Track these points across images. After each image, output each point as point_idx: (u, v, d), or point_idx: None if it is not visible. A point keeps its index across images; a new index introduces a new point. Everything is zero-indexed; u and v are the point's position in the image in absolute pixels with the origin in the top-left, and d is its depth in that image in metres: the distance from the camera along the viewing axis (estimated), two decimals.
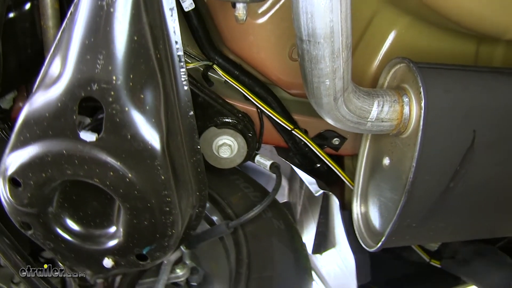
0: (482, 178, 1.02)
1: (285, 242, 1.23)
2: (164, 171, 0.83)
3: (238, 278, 1.16)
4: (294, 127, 1.28)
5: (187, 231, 1.01)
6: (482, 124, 0.98)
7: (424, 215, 1.01)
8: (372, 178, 1.17)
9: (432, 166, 0.95)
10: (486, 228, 1.19)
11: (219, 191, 1.33)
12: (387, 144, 1.09)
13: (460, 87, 0.98)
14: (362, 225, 1.18)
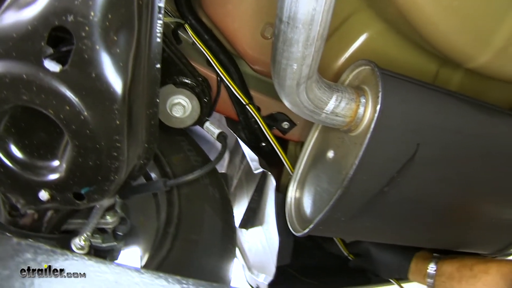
0: (415, 190, 1.08)
1: (217, 210, 1.26)
2: (120, 117, 0.83)
3: (165, 236, 1.19)
4: (249, 102, 1.30)
5: (128, 180, 1.03)
6: (427, 141, 1.03)
7: (354, 212, 1.06)
8: (313, 167, 1.22)
9: (372, 168, 1.00)
10: (411, 237, 1.26)
11: (162, 149, 1.34)
12: (335, 138, 1.13)
13: (416, 101, 1.03)
14: (294, 210, 1.22)
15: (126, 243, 1.40)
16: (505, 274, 1.16)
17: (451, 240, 1.30)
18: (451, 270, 1.24)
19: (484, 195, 1.18)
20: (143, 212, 1.38)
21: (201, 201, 1.26)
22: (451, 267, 1.24)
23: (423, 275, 1.29)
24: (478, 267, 1.20)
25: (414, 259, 1.34)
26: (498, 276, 1.16)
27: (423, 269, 1.29)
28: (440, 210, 1.15)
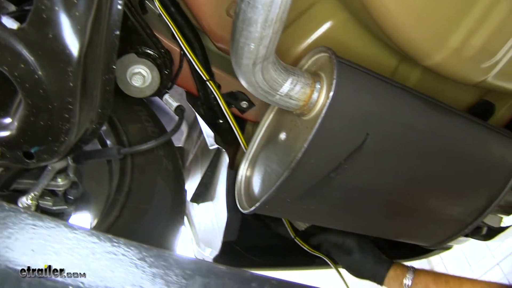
0: (361, 179, 1.12)
1: (168, 182, 1.29)
2: (74, 79, 0.84)
3: (114, 203, 1.21)
4: (210, 79, 1.32)
5: (79, 144, 1.04)
6: (377, 132, 1.06)
7: (300, 194, 1.09)
8: (266, 148, 1.25)
9: (320, 153, 1.03)
10: (354, 224, 1.31)
11: (120, 117, 1.35)
12: (289, 120, 1.16)
13: (370, 92, 1.06)
14: (243, 188, 1.25)
15: (77, 208, 1.41)
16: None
17: (393, 230, 1.35)
18: (427, 280, 1.32)
19: (428, 190, 1.22)
20: (96, 179, 1.39)
21: (154, 171, 1.28)
22: (428, 278, 1.33)
23: (399, 282, 1.36)
24: (454, 281, 1.28)
25: (393, 266, 1.41)
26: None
27: (401, 276, 1.36)
28: (384, 200, 1.19)
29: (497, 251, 3.51)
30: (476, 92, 1.44)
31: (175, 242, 1.25)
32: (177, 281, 0.58)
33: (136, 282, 0.57)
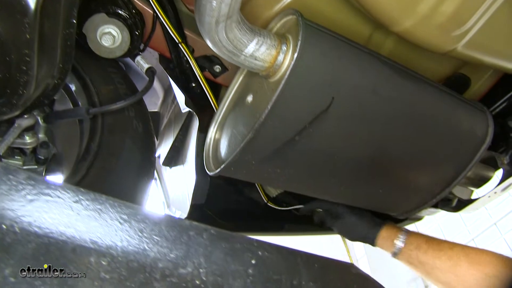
0: (327, 143, 1.11)
1: (137, 143, 1.29)
2: (31, 31, 0.84)
3: (82, 163, 1.21)
4: (182, 41, 1.32)
5: (41, 99, 1.04)
6: (343, 96, 1.06)
7: (265, 156, 1.10)
8: (234, 110, 1.25)
9: (284, 115, 1.03)
10: (321, 189, 1.31)
11: (92, 78, 1.35)
12: (256, 83, 1.16)
13: (336, 55, 1.05)
14: (211, 150, 1.26)
15: (50, 169, 1.42)
16: (469, 254, 1.26)
17: (360, 198, 1.36)
18: (419, 241, 1.34)
19: (394, 159, 1.22)
20: (68, 140, 1.40)
21: (123, 132, 1.28)
22: (420, 239, 1.35)
23: (391, 241, 1.38)
24: (445, 243, 1.31)
25: (385, 227, 1.42)
26: (461, 253, 1.26)
27: (393, 236, 1.38)
28: (349, 166, 1.19)
29: (494, 210, 3.54)
30: (451, 65, 1.44)
31: (142, 203, 1.26)
32: (112, 224, 0.59)
33: (71, 224, 0.57)
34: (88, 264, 0.55)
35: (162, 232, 0.61)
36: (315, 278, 0.67)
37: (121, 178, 1.22)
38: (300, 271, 0.67)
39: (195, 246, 0.61)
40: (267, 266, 0.64)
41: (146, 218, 0.61)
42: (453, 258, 1.27)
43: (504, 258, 1.23)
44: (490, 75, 1.50)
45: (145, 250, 0.59)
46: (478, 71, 1.48)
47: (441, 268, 1.28)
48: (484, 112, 1.33)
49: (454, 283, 1.27)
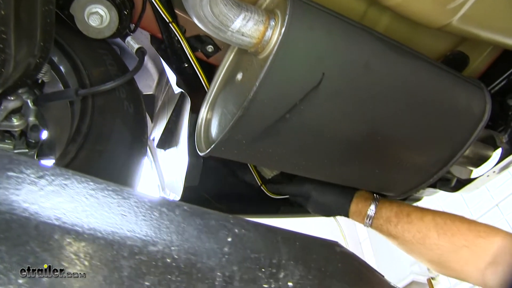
0: (318, 121, 1.07)
1: (128, 124, 1.25)
2: (6, 7, 0.80)
3: (72, 145, 1.18)
4: (172, 21, 1.27)
5: (24, 79, 1.00)
6: (334, 71, 1.02)
7: (255, 136, 1.06)
8: (224, 89, 1.21)
9: (273, 92, 0.99)
10: (314, 169, 1.27)
11: (83, 60, 1.31)
12: (246, 60, 1.12)
13: (325, 29, 1.01)
14: (203, 130, 1.22)
15: (42, 153, 1.39)
16: (438, 224, 1.22)
17: (354, 177, 1.32)
18: (389, 214, 1.30)
19: (389, 137, 1.18)
20: (60, 123, 1.37)
21: (113, 114, 1.25)
22: (390, 211, 1.31)
23: (362, 215, 1.35)
24: (415, 214, 1.26)
25: (355, 199, 1.38)
26: (431, 224, 1.23)
27: (363, 210, 1.35)
28: (343, 145, 1.15)
29: (496, 191, 3.50)
30: (449, 42, 1.38)
31: (133, 184, 1.23)
32: (78, 200, 0.55)
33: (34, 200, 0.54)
34: (51, 241, 0.52)
35: (132, 208, 0.57)
36: (296, 256, 0.64)
37: (112, 159, 1.19)
38: (279, 249, 0.63)
39: (167, 223, 0.58)
40: (244, 244, 0.61)
41: (114, 194, 0.57)
42: (422, 230, 1.24)
43: (475, 226, 1.20)
44: (489, 53, 1.45)
45: (112, 227, 0.55)
46: (476, 48, 1.43)
47: (412, 241, 1.25)
48: (482, 89, 1.28)
49: (424, 255, 1.25)
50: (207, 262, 0.57)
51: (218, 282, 0.55)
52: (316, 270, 0.64)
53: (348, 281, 0.66)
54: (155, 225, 0.57)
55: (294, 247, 0.64)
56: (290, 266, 0.62)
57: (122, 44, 1.45)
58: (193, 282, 0.54)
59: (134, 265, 0.53)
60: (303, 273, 0.62)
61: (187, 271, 0.55)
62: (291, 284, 0.60)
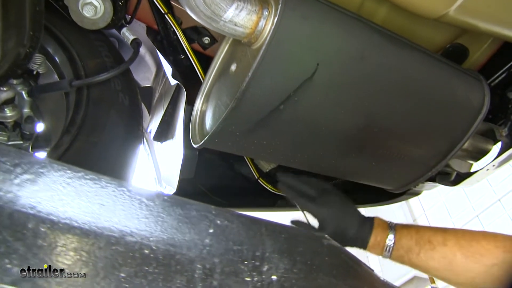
0: (313, 112, 1.05)
1: (122, 116, 1.23)
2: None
3: (66, 137, 1.16)
4: (168, 12, 1.25)
5: (14, 69, 0.98)
6: (328, 62, 1.00)
7: (249, 127, 1.03)
8: (218, 81, 1.18)
9: (267, 83, 0.97)
10: (310, 162, 1.24)
11: (79, 51, 1.29)
12: (240, 51, 1.10)
13: (319, 19, 0.99)
14: (198, 122, 1.20)
15: (38, 145, 1.38)
16: (463, 246, 1.14)
17: (351, 170, 1.29)
18: (409, 243, 1.20)
19: (386, 129, 1.15)
20: (56, 115, 1.35)
21: (108, 105, 1.23)
22: (410, 240, 1.20)
23: (381, 247, 1.24)
24: (436, 239, 1.17)
25: (374, 231, 1.26)
26: (456, 248, 1.14)
27: (382, 242, 1.23)
28: (338, 137, 1.13)
29: (498, 186, 3.47)
30: (448, 34, 1.35)
31: (127, 176, 1.21)
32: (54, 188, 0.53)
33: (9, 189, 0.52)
34: (25, 230, 0.50)
35: (110, 197, 0.55)
36: (281, 249, 0.61)
37: (105, 150, 1.17)
38: (264, 242, 0.61)
39: (146, 213, 0.56)
40: (226, 236, 0.58)
41: (92, 182, 0.55)
42: (447, 256, 1.15)
43: (501, 242, 1.12)
44: (489, 45, 1.42)
45: (89, 216, 0.53)
46: (476, 40, 1.40)
47: (437, 268, 1.17)
48: (480, 81, 1.25)
49: (453, 279, 1.17)
50: (187, 254, 0.54)
51: (198, 274, 0.53)
52: (302, 263, 0.62)
53: (336, 275, 0.64)
54: (133, 215, 0.55)
55: (279, 239, 0.62)
56: (275, 259, 0.59)
57: (120, 37, 1.43)
58: (171, 274, 0.52)
59: (110, 256, 0.51)
60: (288, 266, 0.60)
61: (166, 263, 0.53)
62: (275, 277, 0.58)
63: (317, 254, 0.65)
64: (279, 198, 1.55)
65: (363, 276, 0.68)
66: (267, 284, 0.57)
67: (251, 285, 0.55)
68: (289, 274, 0.59)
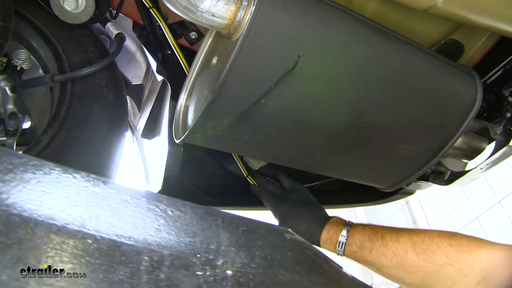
0: (296, 107, 1.00)
1: (106, 112, 1.20)
2: None
3: (47, 131, 1.13)
4: (153, 6, 1.22)
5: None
6: (310, 54, 0.96)
7: (230, 121, 1.00)
8: (201, 74, 1.15)
9: (246, 75, 0.93)
10: (296, 159, 1.19)
11: (64, 47, 1.26)
12: (221, 44, 1.06)
13: (300, 10, 0.95)
14: (181, 118, 1.16)
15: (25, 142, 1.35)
16: (416, 243, 1.11)
17: (339, 167, 1.24)
18: (362, 239, 1.18)
19: (373, 125, 1.10)
20: (41, 110, 1.33)
21: (92, 100, 1.19)
22: (363, 236, 1.18)
23: (334, 243, 1.22)
24: (390, 235, 1.14)
25: (326, 226, 1.26)
26: (408, 244, 1.11)
27: (334, 237, 1.22)
28: (324, 132, 1.08)
29: (499, 188, 3.41)
30: (442, 29, 1.31)
31: (109, 172, 1.18)
32: None
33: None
34: None
35: (53, 184, 0.51)
36: (239, 242, 0.57)
37: (87, 146, 1.14)
38: (219, 234, 0.57)
39: (92, 200, 0.52)
40: (179, 227, 0.55)
41: (34, 169, 0.51)
42: (399, 253, 1.11)
43: (457, 240, 1.07)
44: (484, 41, 1.37)
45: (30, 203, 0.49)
46: (471, 36, 1.36)
47: (389, 266, 1.13)
48: (473, 76, 1.21)
49: (405, 279, 1.13)
50: (134, 245, 0.51)
51: (144, 266, 0.50)
52: (261, 258, 0.57)
53: (299, 271, 0.59)
54: (78, 202, 0.51)
55: (236, 232, 0.58)
56: (231, 253, 0.55)
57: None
58: (114, 265, 0.48)
59: (45, 244, 0.47)
60: (245, 261, 0.56)
61: (109, 254, 0.49)
62: (230, 272, 0.54)
63: (279, 249, 0.60)
64: None
65: (330, 273, 0.63)
66: (221, 279, 0.53)
67: (203, 279, 0.52)
68: (246, 269, 0.55)
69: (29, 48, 1.26)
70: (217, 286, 0.52)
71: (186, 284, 0.50)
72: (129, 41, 1.45)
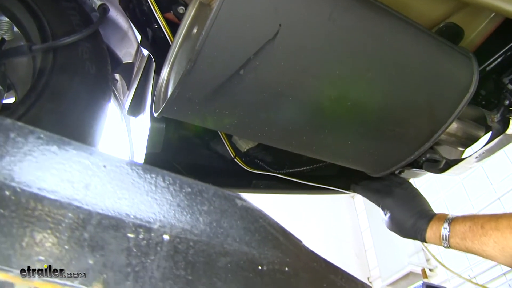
0: (276, 79, 0.94)
1: (87, 85, 1.15)
2: None
3: (24, 101, 1.09)
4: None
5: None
6: (292, 23, 0.89)
7: (207, 94, 0.93)
8: (182, 46, 1.09)
9: (223, 44, 0.86)
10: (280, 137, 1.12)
11: (49, 19, 1.22)
12: (202, 13, 1.00)
13: None
14: (162, 91, 1.10)
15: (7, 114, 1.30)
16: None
17: (326, 149, 1.17)
18: (463, 230, 1.17)
19: (361, 103, 1.04)
20: (24, 83, 1.28)
21: (73, 72, 1.14)
22: (463, 226, 1.17)
23: (438, 237, 1.22)
24: (490, 224, 1.12)
25: (431, 223, 1.26)
26: (507, 232, 1.08)
27: (438, 232, 1.22)
28: (308, 109, 1.02)
29: (499, 185, 3.33)
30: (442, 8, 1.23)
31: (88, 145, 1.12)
32: None
33: None
34: None
35: None
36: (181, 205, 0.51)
37: (63, 119, 1.08)
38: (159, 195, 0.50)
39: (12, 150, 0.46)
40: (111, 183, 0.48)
41: None
42: (499, 241, 1.09)
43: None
44: (485, 26, 1.30)
45: None
46: (471, 20, 1.28)
47: (493, 254, 1.11)
48: (469, 58, 1.14)
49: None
50: (58, 200, 0.45)
51: (66, 224, 0.44)
52: (205, 224, 0.51)
53: (249, 242, 0.53)
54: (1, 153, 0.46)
55: (179, 194, 0.52)
56: (170, 217, 0.49)
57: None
58: (31, 220, 0.43)
59: None
60: (186, 227, 0.50)
61: (28, 207, 0.43)
62: (167, 237, 0.48)
63: (227, 216, 0.54)
64: (255, 178, 1.45)
65: (286, 246, 0.57)
66: (155, 243, 0.47)
67: (133, 242, 0.46)
68: (186, 235, 0.49)
69: (12, 19, 1.21)
70: (150, 250, 0.46)
71: (113, 245, 0.45)
72: (121, 19, 1.39)
